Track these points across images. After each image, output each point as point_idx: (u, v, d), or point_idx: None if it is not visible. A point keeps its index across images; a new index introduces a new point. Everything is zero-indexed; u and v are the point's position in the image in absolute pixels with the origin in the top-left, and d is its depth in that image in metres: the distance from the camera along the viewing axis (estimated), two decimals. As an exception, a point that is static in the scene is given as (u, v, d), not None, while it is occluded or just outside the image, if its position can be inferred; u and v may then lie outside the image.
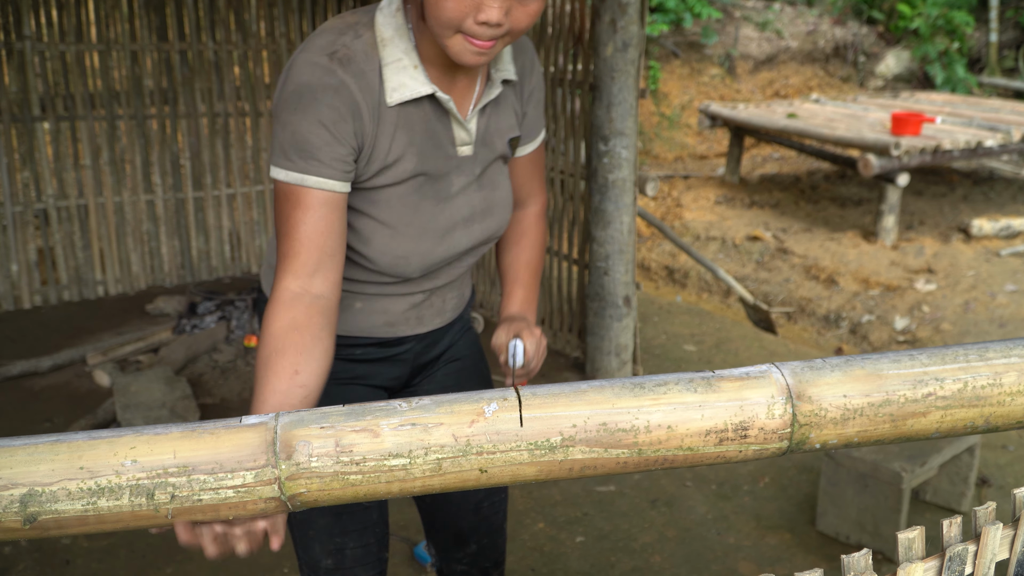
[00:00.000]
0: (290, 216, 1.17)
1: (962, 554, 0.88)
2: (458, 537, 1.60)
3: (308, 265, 1.16)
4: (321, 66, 1.16)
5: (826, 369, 0.81)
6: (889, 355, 0.83)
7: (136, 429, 0.76)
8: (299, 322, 1.14)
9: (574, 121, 3.62)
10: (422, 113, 1.25)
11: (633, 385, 0.80)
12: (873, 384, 0.81)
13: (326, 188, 1.17)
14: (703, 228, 6.42)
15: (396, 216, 1.27)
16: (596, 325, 3.57)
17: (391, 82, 1.20)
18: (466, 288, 1.52)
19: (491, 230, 1.40)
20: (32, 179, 4.29)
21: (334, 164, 1.17)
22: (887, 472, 2.45)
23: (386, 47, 1.21)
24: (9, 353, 3.80)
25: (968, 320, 4.75)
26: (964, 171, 7.72)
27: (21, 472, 0.73)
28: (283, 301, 1.15)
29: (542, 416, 0.78)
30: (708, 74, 9.62)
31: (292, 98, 1.15)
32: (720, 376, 0.81)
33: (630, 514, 2.73)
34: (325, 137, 1.15)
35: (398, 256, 1.29)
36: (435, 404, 0.78)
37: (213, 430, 0.76)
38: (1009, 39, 10.29)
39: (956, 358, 0.82)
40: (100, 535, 2.59)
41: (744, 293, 4.55)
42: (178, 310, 4.19)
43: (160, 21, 4.44)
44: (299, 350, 1.13)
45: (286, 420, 0.77)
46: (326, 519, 1.41)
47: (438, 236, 1.31)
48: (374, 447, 0.77)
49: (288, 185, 1.17)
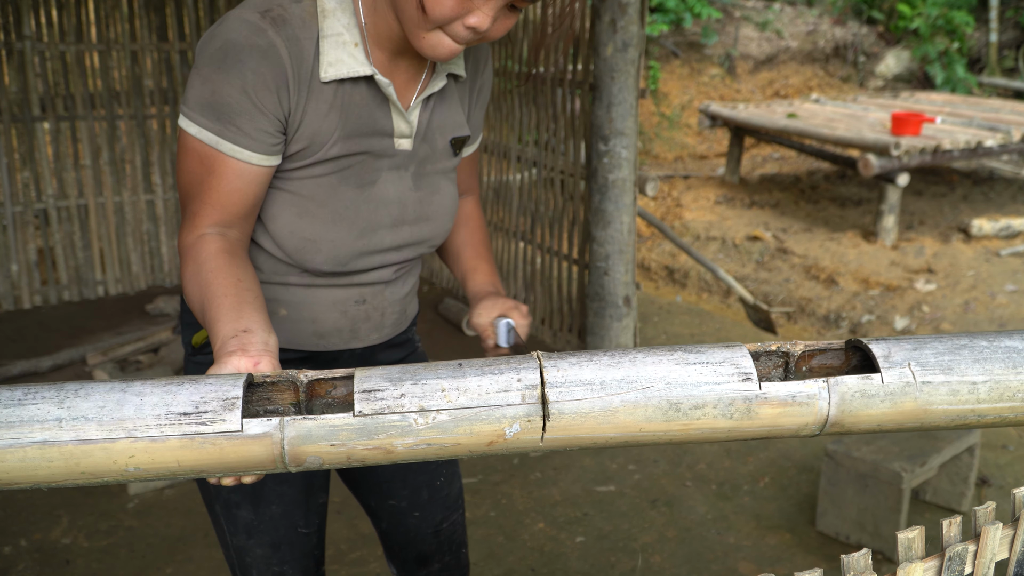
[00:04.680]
0: (203, 179, 1.12)
1: (962, 554, 0.88)
2: (420, 559, 1.55)
3: (222, 222, 1.14)
4: (251, 24, 1.08)
5: (876, 399, 0.75)
6: (954, 378, 0.76)
7: (125, 428, 0.71)
8: (227, 248, 1.12)
9: (574, 121, 3.62)
10: (359, 96, 1.17)
11: (669, 406, 0.73)
12: (915, 418, 0.76)
13: (242, 159, 1.11)
14: (703, 228, 6.42)
15: (309, 193, 1.19)
16: (596, 325, 3.57)
17: (328, 56, 1.13)
18: (409, 304, 1.43)
19: (423, 235, 1.31)
20: (32, 179, 4.29)
21: (256, 135, 1.11)
22: (887, 472, 2.45)
23: (327, 18, 1.13)
24: (9, 353, 3.80)
25: (968, 320, 4.75)
26: (964, 171, 7.71)
27: (19, 476, 0.71)
28: (205, 238, 1.12)
29: (564, 438, 0.73)
30: (708, 74, 9.62)
31: (217, 54, 1.08)
32: (764, 398, 0.74)
33: (630, 514, 2.73)
34: (246, 105, 1.09)
35: (305, 239, 1.20)
36: (454, 423, 0.72)
37: (214, 440, 0.72)
38: (1009, 39, 10.28)
39: (1015, 395, 0.76)
40: (100, 535, 2.59)
41: (744, 293, 4.55)
42: (178, 310, 4.19)
43: (160, 21, 4.44)
44: (235, 265, 1.10)
45: (292, 434, 0.72)
46: (264, 550, 1.37)
47: (356, 228, 1.22)
48: (387, 458, 0.73)
49: (199, 143, 1.11)
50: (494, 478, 2.91)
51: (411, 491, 1.50)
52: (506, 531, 2.64)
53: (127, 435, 0.70)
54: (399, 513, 1.51)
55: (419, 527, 1.52)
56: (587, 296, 3.61)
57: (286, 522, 1.37)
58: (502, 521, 2.68)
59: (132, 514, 2.70)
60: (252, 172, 1.13)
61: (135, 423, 0.70)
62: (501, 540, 2.59)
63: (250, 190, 1.14)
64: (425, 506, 1.51)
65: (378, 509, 1.53)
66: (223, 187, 1.12)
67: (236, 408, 0.71)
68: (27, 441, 0.69)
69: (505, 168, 4.23)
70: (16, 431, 0.69)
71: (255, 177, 1.14)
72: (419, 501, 1.50)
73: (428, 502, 1.51)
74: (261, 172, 1.14)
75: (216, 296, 1.05)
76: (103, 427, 0.70)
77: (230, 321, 1.01)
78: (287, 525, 1.37)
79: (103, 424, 0.70)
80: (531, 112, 3.97)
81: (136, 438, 0.70)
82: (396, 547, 1.56)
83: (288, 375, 0.77)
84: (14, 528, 2.62)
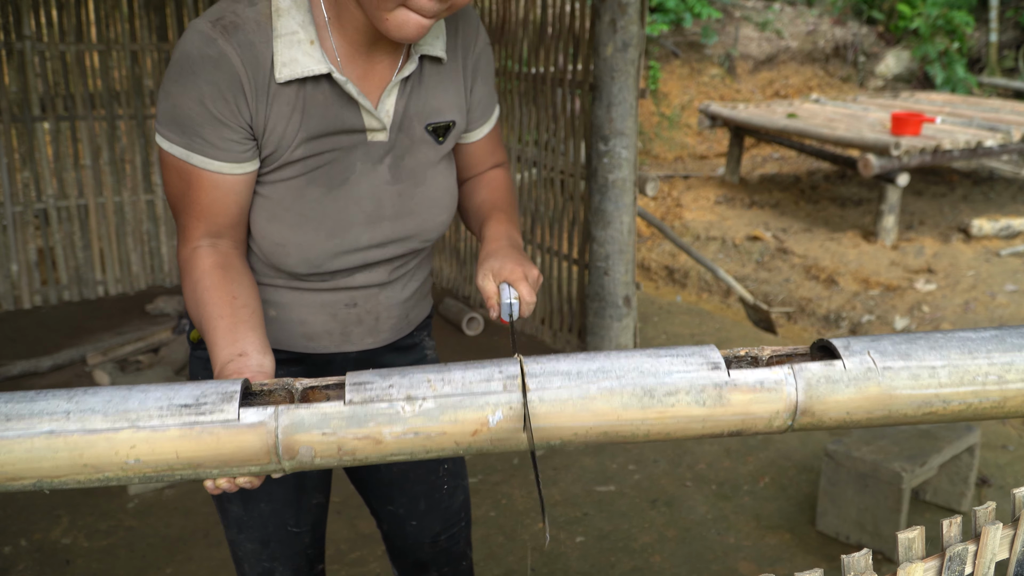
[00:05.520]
0: (185, 192, 1.12)
1: (962, 554, 0.88)
2: (417, 565, 1.55)
3: (211, 232, 1.14)
4: (203, 35, 1.07)
5: (841, 384, 0.79)
6: (913, 363, 0.80)
7: (129, 418, 0.74)
8: (221, 262, 1.13)
9: (574, 121, 3.63)
10: (322, 95, 1.13)
11: (643, 393, 0.78)
12: (881, 404, 0.80)
13: (213, 170, 1.10)
14: (703, 228, 6.42)
15: (277, 197, 1.16)
16: (596, 325, 3.57)
17: (282, 56, 1.09)
18: (413, 308, 1.37)
19: (408, 231, 1.25)
20: (32, 179, 4.30)
21: (222, 145, 1.09)
22: (887, 472, 2.45)
23: (280, 18, 1.10)
24: (9, 353, 3.80)
25: (968, 320, 4.75)
26: (964, 171, 7.72)
27: (24, 469, 0.74)
28: (198, 252, 1.13)
29: (546, 427, 0.77)
30: (708, 74, 9.62)
31: (175, 68, 1.08)
32: (734, 384, 0.78)
33: (630, 514, 2.73)
34: (205, 116, 1.08)
35: (275, 243, 1.18)
36: (439, 411, 0.76)
37: (212, 430, 0.76)
38: (1009, 39, 10.29)
39: (975, 379, 0.80)
40: (100, 535, 2.59)
41: (744, 293, 4.55)
42: (178, 310, 4.18)
43: (160, 21, 4.44)
44: (229, 280, 1.11)
45: (286, 422, 0.76)
46: (253, 545, 1.38)
47: (323, 229, 1.18)
48: (376, 450, 0.77)
49: (174, 158, 1.11)
50: (494, 478, 2.91)
51: (409, 499, 1.49)
52: (506, 531, 2.64)
53: (130, 425, 0.74)
54: (398, 519, 1.51)
55: (417, 535, 1.51)
56: (587, 296, 3.61)
57: (275, 520, 1.37)
58: (502, 521, 2.69)
59: (132, 514, 2.70)
60: (228, 181, 1.12)
61: (138, 414, 0.74)
62: (501, 540, 2.59)
63: (230, 199, 1.13)
64: (423, 516, 1.50)
65: (379, 511, 1.53)
66: (203, 199, 1.12)
67: (234, 400, 0.76)
68: (35, 432, 0.72)
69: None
70: (26, 423, 0.73)
71: (233, 186, 1.13)
72: (416, 510, 1.49)
73: (426, 512, 1.50)
74: (238, 180, 1.13)
75: (212, 318, 1.07)
76: (108, 418, 0.74)
77: (226, 345, 1.03)
78: (276, 523, 1.38)
79: (108, 415, 0.74)
80: (531, 112, 3.97)
81: (139, 428, 0.74)
82: (396, 551, 1.56)
83: (284, 383, 0.80)
84: (14, 528, 2.62)
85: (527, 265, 1.18)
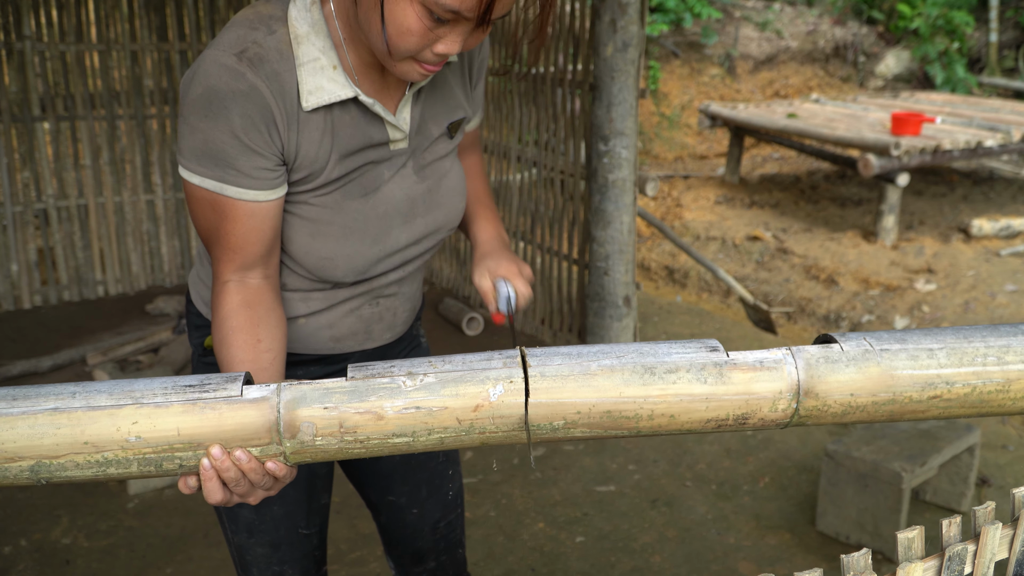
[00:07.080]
0: (218, 226, 1.12)
1: (961, 554, 0.88)
2: (416, 555, 1.56)
3: (244, 265, 1.15)
4: (230, 68, 1.06)
5: (841, 364, 0.80)
6: (909, 346, 0.81)
7: (134, 396, 0.76)
8: (249, 300, 1.14)
9: (574, 121, 3.63)
10: (349, 116, 1.16)
11: (644, 370, 0.78)
12: (883, 384, 0.80)
13: (249, 199, 1.11)
14: (703, 228, 6.42)
15: (317, 214, 1.18)
16: (596, 325, 3.57)
17: (307, 84, 1.11)
18: (418, 299, 1.43)
19: (438, 223, 1.30)
20: (32, 179, 4.30)
21: (256, 175, 1.10)
22: (887, 472, 2.45)
23: (301, 45, 1.10)
24: (9, 353, 3.80)
25: (968, 320, 4.75)
26: (964, 171, 7.71)
27: (25, 446, 0.74)
28: (227, 287, 1.14)
29: (548, 402, 0.77)
30: (708, 74, 9.62)
31: (200, 102, 1.07)
32: (733, 363, 0.79)
33: (630, 514, 2.73)
34: (239, 148, 1.08)
35: (322, 257, 1.20)
36: (440, 384, 0.77)
37: (214, 405, 0.77)
38: (1009, 39, 10.29)
39: (974, 359, 0.81)
40: (100, 535, 2.59)
41: (744, 293, 4.55)
42: (178, 310, 4.19)
43: (160, 21, 4.44)
44: (255, 322, 1.12)
45: (288, 397, 0.77)
46: (264, 549, 1.38)
47: (368, 237, 1.21)
48: (378, 428, 0.77)
49: (205, 191, 1.11)
50: (494, 478, 2.91)
51: (411, 488, 1.50)
52: (506, 531, 2.64)
53: (134, 402, 0.76)
54: (398, 509, 1.51)
55: (417, 524, 1.53)
56: (587, 296, 3.61)
57: (287, 523, 1.38)
58: (502, 521, 2.69)
59: (132, 514, 2.70)
60: (263, 209, 1.13)
61: (143, 392, 0.77)
62: (501, 540, 2.59)
63: (266, 226, 1.14)
64: (424, 504, 1.52)
65: (378, 503, 1.53)
66: (239, 230, 1.12)
67: (238, 380, 0.78)
68: (40, 408, 0.75)
69: (505, 168, 4.23)
70: (32, 401, 0.75)
71: (267, 212, 1.14)
72: (418, 498, 1.51)
73: (427, 500, 1.52)
74: (272, 206, 1.14)
75: (234, 362, 1.10)
76: (112, 396, 0.76)
77: None
78: (288, 526, 1.38)
79: (113, 394, 0.76)
80: (531, 112, 3.97)
81: (142, 404, 0.76)
82: (394, 542, 1.57)
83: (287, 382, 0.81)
84: (14, 528, 2.63)
85: (520, 263, 1.30)
